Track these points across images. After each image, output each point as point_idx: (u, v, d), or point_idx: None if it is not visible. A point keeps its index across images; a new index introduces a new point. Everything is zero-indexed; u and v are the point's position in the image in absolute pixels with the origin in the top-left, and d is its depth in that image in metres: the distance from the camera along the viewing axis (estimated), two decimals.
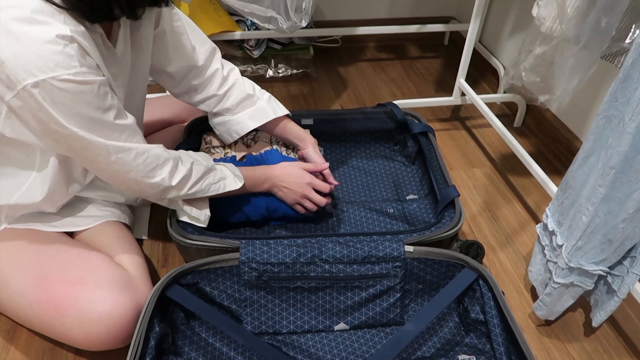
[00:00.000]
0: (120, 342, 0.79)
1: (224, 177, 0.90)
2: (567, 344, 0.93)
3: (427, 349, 0.88)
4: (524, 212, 1.22)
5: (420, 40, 2.03)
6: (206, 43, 0.99)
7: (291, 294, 0.90)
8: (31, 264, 0.80)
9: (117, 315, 0.76)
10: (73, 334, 0.77)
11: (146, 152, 0.77)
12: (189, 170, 0.83)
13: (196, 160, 0.85)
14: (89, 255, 0.84)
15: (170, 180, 0.81)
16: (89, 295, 0.77)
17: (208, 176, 0.87)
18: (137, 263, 0.89)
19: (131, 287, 0.81)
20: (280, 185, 0.99)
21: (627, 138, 0.68)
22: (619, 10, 0.72)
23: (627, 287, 0.82)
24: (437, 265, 0.90)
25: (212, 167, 0.88)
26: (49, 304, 0.77)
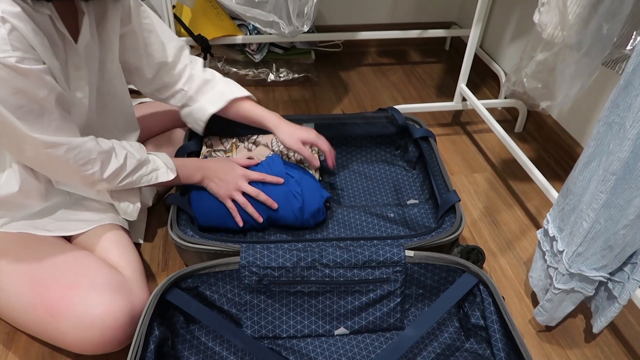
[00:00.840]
0: (116, 345, 0.79)
1: (157, 168, 0.90)
2: (567, 350, 0.93)
3: (427, 354, 0.88)
4: (524, 218, 1.22)
5: (422, 45, 2.04)
6: (174, 40, 1.01)
7: (291, 298, 0.90)
8: (26, 268, 0.80)
9: (112, 319, 0.76)
10: (68, 338, 0.77)
11: (78, 147, 0.77)
12: (122, 163, 0.83)
13: (130, 153, 0.85)
14: (84, 259, 0.83)
15: (102, 174, 0.81)
16: (83, 299, 0.76)
17: (141, 168, 0.88)
18: (133, 266, 0.88)
19: (126, 291, 0.80)
20: (213, 177, 0.99)
21: (628, 144, 0.68)
22: (620, 17, 0.73)
23: (627, 293, 0.82)
24: (437, 270, 0.90)
25: (145, 159, 0.88)
26: (43, 308, 0.77)
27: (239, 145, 1.19)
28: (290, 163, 1.11)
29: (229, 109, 1.06)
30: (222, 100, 1.05)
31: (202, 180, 0.99)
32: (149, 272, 1.03)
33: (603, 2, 0.71)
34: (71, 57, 0.78)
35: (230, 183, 0.98)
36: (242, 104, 1.07)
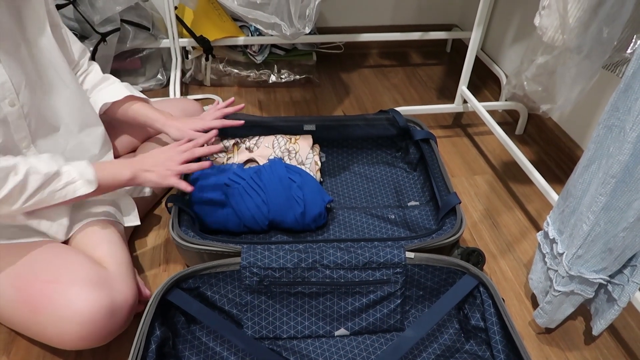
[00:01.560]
0: (96, 340, 0.78)
1: (72, 181, 0.80)
2: (567, 353, 0.93)
3: (427, 356, 0.88)
4: (525, 220, 1.22)
5: (423, 47, 2.04)
6: (77, 41, 1.01)
7: (292, 299, 0.90)
8: (8, 265, 0.81)
9: (90, 313, 0.76)
10: (48, 332, 0.78)
11: None
12: (21, 182, 0.74)
13: (33, 169, 0.76)
14: (65, 254, 0.84)
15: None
16: (63, 293, 0.77)
17: (50, 184, 0.78)
18: (118, 262, 0.87)
19: (107, 285, 0.80)
20: (144, 167, 0.90)
21: (627, 147, 0.68)
22: (621, 21, 0.73)
23: (627, 295, 0.82)
24: (437, 272, 0.91)
25: (56, 172, 0.78)
26: (24, 303, 0.78)
27: (240, 146, 1.19)
28: (292, 166, 1.11)
29: (120, 106, 1.04)
30: (117, 94, 1.03)
31: (134, 176, 0.89)
32: (150, 272, 1.04)
33: (603, 6, 0.71)
34: None
35: (165, 160, 0.91)
36: (134, 103, 1.05)
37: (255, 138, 1.21)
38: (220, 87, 1.72)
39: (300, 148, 1.19)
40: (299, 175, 1.08)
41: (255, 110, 1.61)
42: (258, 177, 1.06)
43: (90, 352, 0.88)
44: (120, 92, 1.04)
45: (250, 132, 1.23)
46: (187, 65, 1.69)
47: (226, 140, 1.20)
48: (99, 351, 0.87)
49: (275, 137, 1.21)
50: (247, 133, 1.22)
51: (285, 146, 1.18)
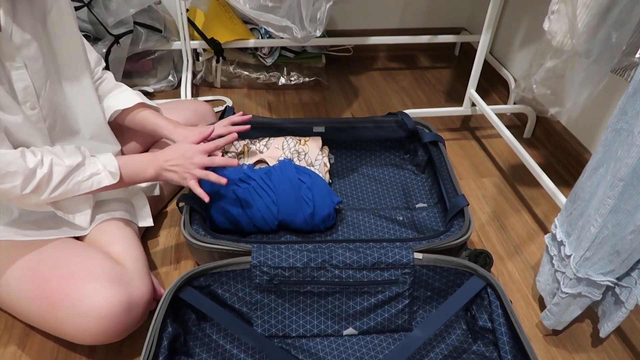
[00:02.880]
0: (113, 336, 0.80)
1: (97, 172, 0.84)
2: (574, 355, 0.94)
3: (435, 356, 0.89)
4: (532, 223, 1.23)
5: (432, 50, 2.05)
6: (93, 50, 1.02)
7: (301, 298, 0.91)
8: (28, 262, 0.83)
9: (107, 309, 0.78)
10: (66, 327, 0.79)
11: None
12: (47, 175, 0.77)
13: (57, 161, 0.79)
14: (83, 251, 0.86)
15: (24, 188, 0.75)
16: (81, 289, 0.78)
17: (74, 175, 0.81)
18: (134, 259, 0.89)
19: (124, 282, 0.82)
20: (168, 165, 0.91)
21: (635, 151, 0.69)
22: (629, 26, 0.74)
23: (634, 298, 0.83)
24: (445, 273, 0.91)
25: (79, 163, 0.82)
26: (43, 298, 0.80)
27: (250, 148, 1.21)
28: (302, 167, 1.13)
29: (130, 113, 1.05)
30: (128, 101, 1.04)
31: (157, 175, 0.92)
32: (161, 270, 1.05)
33: (612, 12, 0.72)
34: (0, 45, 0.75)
35: (188, 162, 0.91)
36: (143, 111, 1.06)
37: (265, 139, 1.22)
38: (230, 89, 1.74)
39: (309, 149, 1.20)
40: (309, 177, 1.10)
41: (265, 112, 1.63)
42: (268, 178, 1.07)
43: (104, 348, 0.89)
44: (131, 99, 1.05)
45: (260, 134, 1.24)
46: (198, 67, 1.71)
47: (237, 142, 1.22)
48: (113, 347, 0.89)
49: (285, 138, 1.22)
50: (257, 135, 1.24)
51: (295, 147, 1.20)
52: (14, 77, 0.78)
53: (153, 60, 1.63)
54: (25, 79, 0.79)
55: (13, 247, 0.84)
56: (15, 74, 0.78)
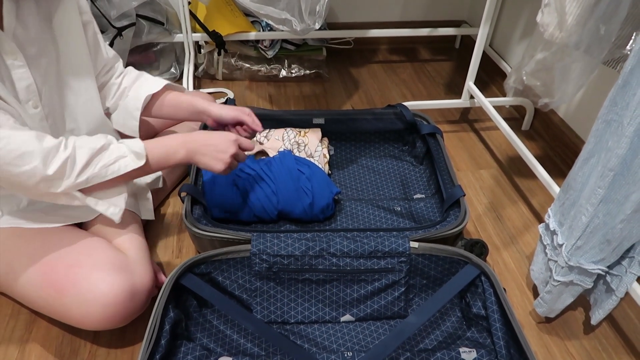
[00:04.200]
0: (118, 321, 0.83)
1: (123, 155, 0.81)
2: (566, 342, 0.96)
3: (430, 342, 0.91)
4: (528, 213, 1.25)
5: (432, 43, 2.06)
6: (110, 48, 1.02)
7: (300, 285, 0.93)
8: (34, 251, 0.85)
9: (112, 296, 0.80)
10: (72, 313, 0.82)
11: (5, 138, 0.70)
12: (70, 156, 0.75)
13: (80, 143, 0.78)
14: (88, 240, 0.88)
15: (46, 169, 0.73)
16: (86, 276, 0.81)
17: (99, 158, 0.79)
18: (137, 247, 0.92)
19: (128, 270, 0.84)
20: (203, 150, 0.89)
21: (625, 141, 0.71)
22: (617, 19, 0.75)
23: (625, 286, 0.85)
24: (440, 262, 0.93)
25: (103, 146, 0.80)
26: (49, 286, 0.82)
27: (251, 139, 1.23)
28: (301, 158, 1.15)
29: (160, 96, 1.05)
30: (157, 84, 1.04)
31: (188, 158, 0.89)
32: (163, 259, 1.08)
33: (599, 5, 0.73)
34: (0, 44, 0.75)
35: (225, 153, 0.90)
36: (172, 92, 1.07)
37: (266, 131, 1.24)
38: (231, 81, 1.75)
39: (309, 141, 1.22)
40: (308, 167, 1.11)
41: (266, 104, 1.64)
42: (268, 169, 1.09)
43: (108, 333, 0.92)
44: (158, 82, 1.05)
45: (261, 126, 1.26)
46: (200, 59, 1.73)
47: None
48: (116, 332, 0.91)
49: (285, 130, 1.24)
50: None
51: (295, 139, 1.22)
52: (16, 76, 0.78)
53: (155, 53, 1.65)
54: (27, 77, 0.79)
55: (20, 235, 0.87)
56: (17, 72, 0.78)
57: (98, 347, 0.90)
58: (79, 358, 0.89)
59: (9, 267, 0.85)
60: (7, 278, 0.86)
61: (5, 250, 0.85)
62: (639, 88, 0.67)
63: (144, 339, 0.74)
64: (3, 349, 0.89)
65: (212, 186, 1.07)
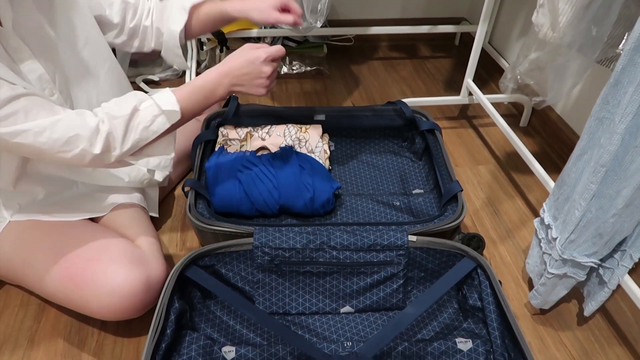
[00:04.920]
0: (134, 312, 0.86)
1: (158, 112, 0.79)
2: (560, 332, 0.98)
3: (427, 332, 0.94)
4: (525, 208, 1.27)
5: (432, 40, 2.08)
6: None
7: (300, 277, 0.96)
8: (52, 245, 0.87)
9: (129, 288, 0.83)
10: (90, 305, 0.85)
11: (47, 128, 0.71)
12: (110, 130, 0.76)
13: (112, 114, 0.77)
14: (103, 235, 0.90)
15: (92, 149, 0.74)
16: (104, 270, 0.84)
17: (134, 122, 0.78)
18: (149, 241, 0.95)
19: (143, 263, 0.87)
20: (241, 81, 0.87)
21: (617, 138, 0.73)
22: (609, 20, 0.77)
23: (617, 278, 0.87)
24: (438, 255, 0.96)
25: (133, 109, 0.78)
26: (68, 279, 0.85)
27: (253, 135, 1.25)
28: (302, 154, 1.17)
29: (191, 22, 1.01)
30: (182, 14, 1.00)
31: (228, 91, 0.87)
32: (168, 252, 1.10)
33: (591, 7, 0.76)
34: (4, 41, 0.75)
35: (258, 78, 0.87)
36: (201, 7, 1.02)
37: (268, 127, 1.27)
38: None
39: (310, 137, 1.24)
40: (309, 163, 1.14)
41: (267, 101, 1.67)
42: (270, 164, 1.12)
43: (114, 323, 0.94)
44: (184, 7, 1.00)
45: (263, 122, 1.28)
46: (202, 56, 1.75)
47: (240, 129, 1.26)
48: (122, 322, 0.94)
49: (286, 126, 1.26)
50: (259, 122, 1.28)
51: (296, 135, 1.24)
52: (25, 69, 0.78)
53: None
54: (36, 68, 0.80)
55: (36, 228, 0.89)
56: (26, 65, 0.78)
57: (105, 336, 0.93)
58: (87, 347, 0.92)
59: (25, 261, 0.87)
60: (24, 271, 0.88)
61: (22, 243, 0.88)
62: (630, 86, 0.69)
63: (150, 328, 0.77)
64: (13, 339, 0.92)
65: (215, 181, 1.09)
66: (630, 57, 0.68)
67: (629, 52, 0.68)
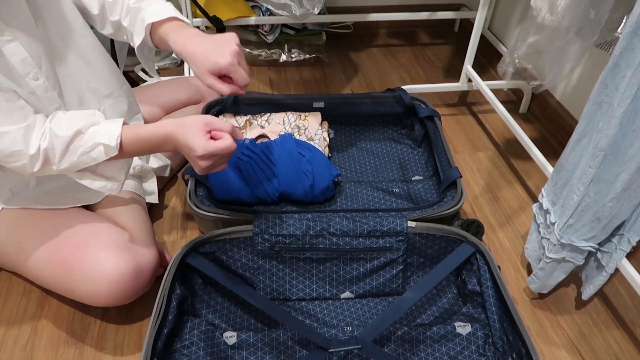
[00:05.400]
0: (124, 298, 0.87)
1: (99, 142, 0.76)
2: (558, 316, 0.99)
3: (426, 317, 0.95)
4: (524, 195, 1.27)
5: (431, 27, 2.07)
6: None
7: (301, 264, 0.97)
8: (43, 231, 0.88)
9: (118, 273, 0.84)
10: (79, 290, 0.86)
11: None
12: (49, 147, 0.75)
13: (54, 132, 0.75)
14: (94, 221, 0.91)
15: (32, 167, 0.75)
16: (92, 255, 0.84)
17: (75, 145, 0.76)
18: (141, 228, 0.95)
19: (132, 249, 0.88)
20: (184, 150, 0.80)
21: (615, 122, 0.73)
22: (607, 3, 0.77)
23: (615, 262, 0.88)
24: (437, 240, 0.97)
25: (77, 132, 0.75)
26: (58, 264, 0.85)
27: (252, 123, 1.25)
28: (302, 141, 1.17)
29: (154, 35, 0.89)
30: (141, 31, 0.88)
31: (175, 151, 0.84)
32: (168, 240, 1.11)
33: None
34: None
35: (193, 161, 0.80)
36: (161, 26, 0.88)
37: (267, 115, 1.27)
38: None
39: (309, 124, 1.24)
40: (308, 150, 1.14)
41: (266, 89, 1.66)
42: (269, 152, 1.12)
43: (116, 310, 0.95)
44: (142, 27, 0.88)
45: (262, 109, 1.28)
46: None
47: (239, 117, 1.26)
48: (124, 309, 0.95)
49: (285, 114, 1.26)
50: (259, 110, 1.28)
51: (295, 123, 1.24)
52: (8, 52, 0.77)
53: None
54: (19, 51, 0.78)
55: (29, 216, 0.90)
56: (9, 48, 0.76)
57: (107, 323, 0.94)
58: (89, 334, 0.92)
59: (19, 247, 0.88)
60: (18, 257, 0.89)
61: (15, 230, 0.89)
62: (628, 70, 0.69)
63: (152, 313, 0.78)
64: (17, 326, 0.93)
65: None
66: (628, 41, 0.68)
67: (628, 36, 0.68)
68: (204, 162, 0.77)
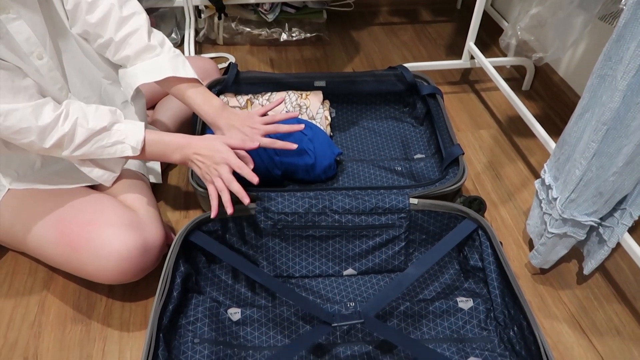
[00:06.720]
0: (131, 276, 0.88)
1: (121, 141, 0.84)
2: (559, 291, 1.00)
3: (429, 293, 0.96)
4: (526, 171, 1.27)
5: (433, 4, 2.04)
6: None
7: (304, 241, 0.97)
8: (50, 211, 0.88)
9: (125, 251, 0.84)
10: (88, 268, 0.87)
11: (3, 114, 0.73)
12: (68, 133, 0.79)
13: (81, 122, 0.80)
14: (99, 200, 0.91)
15: (42, 143, 0.77)
16: (100, 234, 0.85)
17: (98, 138, 0.82)
18: (146, 206, 0.96)
19: (139, 227, 0.88)
20: (196, 159, 0.88)
21: (618, 95, 0.73)
22: None
23: (616, 237, 0.88)
24: (439, 217, 0.97)
25: (104, 128, 0.82)
26: (65, 243, 0.86)
27: (253, 102, 1.25)
28: (303, 120, 1.17)
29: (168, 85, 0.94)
30: (158, 74, 0.92)
31: (183, 161, 0.90)
32: (172, 219, 1.12)
33: None
34: None
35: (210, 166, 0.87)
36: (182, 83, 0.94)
37: (268, 94, 1.26)
38: (232, 46, 1.76)
39: (311, 103, 1.24)
40: (310, 129, 1.14)
41: (267, 68, 1.65)
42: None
43: (121, 287, 0.97)
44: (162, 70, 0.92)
45: (263, 89, 1.28)
46: (200, 24, 1.73)
47: (240, 96, 1.26)
48: (129, 287, 0.96)
49: (287, 93, 1.26)
50: (259, 89, 1.27)
51: (297, 102, 1.23)
52: (13, 30, 0.78)
53: (156, 18, 1.65)
54: (24, 30, 0.79)
55: (35, 196, 0.90)
56: (13, 26, 0.78)
57: (113, 301, 0.95)
58: (95, 312, 0.94)
59: (25, 227, 0.89)
60: (25, 237, 0.90)
61: (21, 210, 0.89)
62: (632, 42, 0.68)
63: (157, 290, 0.79)
64: (24, 305, 0.94)
65: None
66: (633, 12, 0.67)
67: (632, 6, 0.67)
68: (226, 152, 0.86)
